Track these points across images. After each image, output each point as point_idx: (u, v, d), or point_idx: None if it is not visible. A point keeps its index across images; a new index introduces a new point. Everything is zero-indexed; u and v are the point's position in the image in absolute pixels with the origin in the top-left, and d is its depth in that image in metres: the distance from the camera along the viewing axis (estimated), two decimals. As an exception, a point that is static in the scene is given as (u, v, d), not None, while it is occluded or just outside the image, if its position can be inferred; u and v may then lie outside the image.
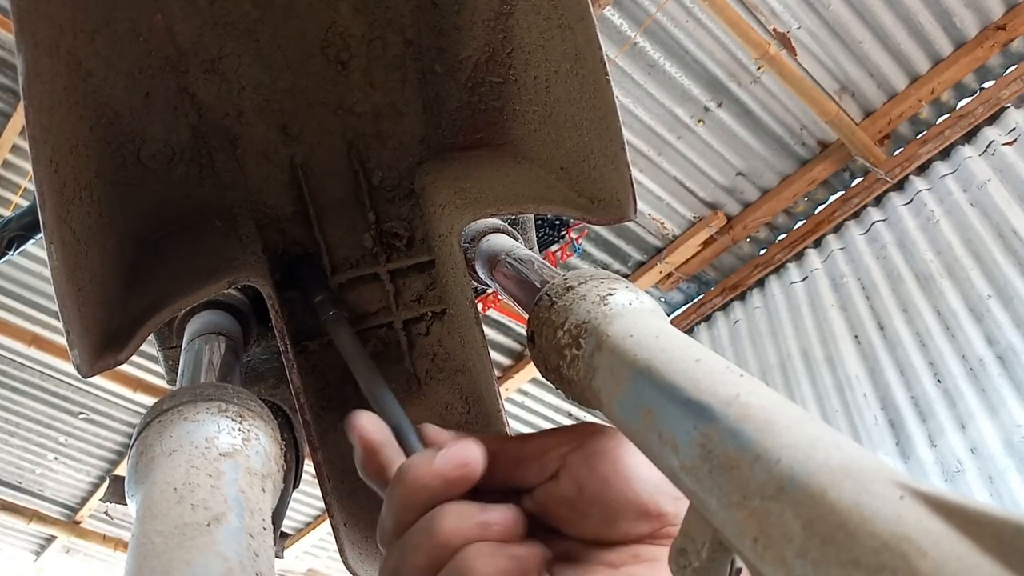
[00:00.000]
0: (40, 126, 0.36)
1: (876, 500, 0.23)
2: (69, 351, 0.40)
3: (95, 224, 0.41)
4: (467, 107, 0.48)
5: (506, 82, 0.49)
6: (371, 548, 0.51)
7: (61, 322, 0.39)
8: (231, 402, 0.35)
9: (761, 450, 0.27)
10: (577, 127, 0.45)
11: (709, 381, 0.30)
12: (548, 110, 0.47)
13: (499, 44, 0.47)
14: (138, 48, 0.41)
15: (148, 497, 0.30)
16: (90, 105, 0.40)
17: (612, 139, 0.43)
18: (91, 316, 0.41)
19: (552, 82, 0.45)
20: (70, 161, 0.39)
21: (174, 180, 0.48)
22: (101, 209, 0.42)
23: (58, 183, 0.38)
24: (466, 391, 0.57)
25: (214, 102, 0.46)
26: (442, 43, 0.46)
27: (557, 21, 0.42)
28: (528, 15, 0.44)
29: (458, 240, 0.53)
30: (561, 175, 0.49)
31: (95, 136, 0.41)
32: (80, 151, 0.40)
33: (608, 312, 0.38)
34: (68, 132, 0.38)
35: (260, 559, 0.28)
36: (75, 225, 0.39)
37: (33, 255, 3.70)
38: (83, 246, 0.40)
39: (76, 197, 0.40)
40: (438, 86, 0.51)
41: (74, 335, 0.39)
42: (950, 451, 2.65)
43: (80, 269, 0.40)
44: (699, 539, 0.31)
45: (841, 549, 0.23)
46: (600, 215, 0.47)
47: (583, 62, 0.42)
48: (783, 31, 3.11)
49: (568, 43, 0.42)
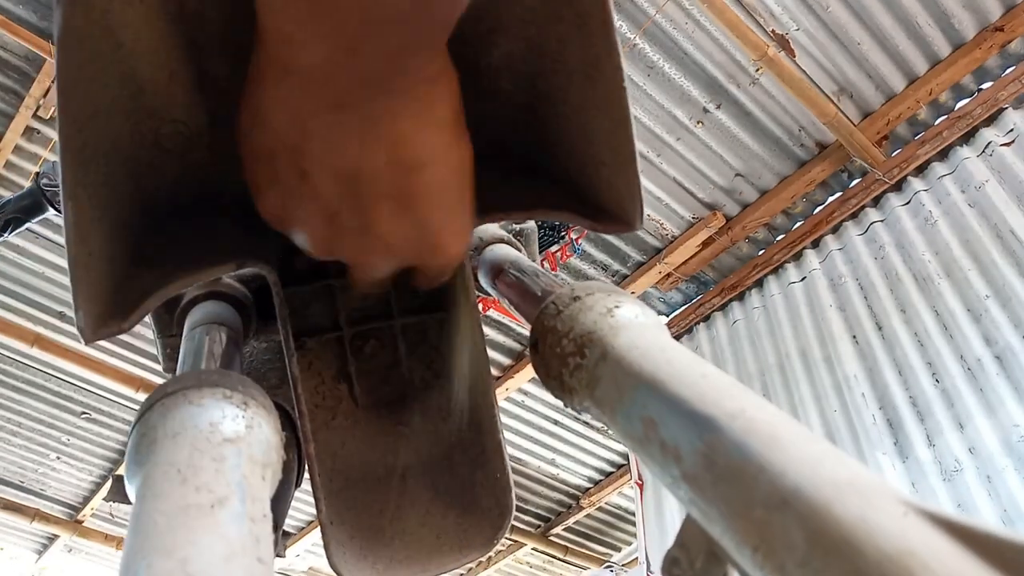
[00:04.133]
0: (69, 79, 0.37)
1: (881, 515, 0.23)
2: (74, 314, 0.40)
3: (109, 194, 0.42)
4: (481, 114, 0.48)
5: (521, 89, 0.49)
6: (355, 548, 0.51)
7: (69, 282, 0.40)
8: (235, 389, 0.35)
9: (766, 462, 0.27)
10: (589, 136, 0.45)
11: (715, 395, 0.31)
12: (561, 118, 0.47)
13: (519, 52, 0.47)
14: (167, 27, 0.41)
15: (150, 477, 0.30)
16: (115, 73, 0.40)
17: (623, 148, 0.43)
18: (98, 283, 0.41)
19: (568, 90, 0.45)
20: (91, 126, 0.39)
21: (190, 163, 0.48)
22: (116, 182, 0.42)
23: (79, 143, 0.38)
24: (462, 398, 0.57)
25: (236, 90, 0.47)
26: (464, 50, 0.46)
27: (578, 28, 0.42)
28: (550, 23, 0.44)
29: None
30: (569, 183, 0.49)
31: (117, 107, 0.41)
32: (101, 119, 0.40)
33: (614, 324, 0.38)
34: (93, 96, 0.39)
35: (261, 544, 0.28)
36: (91, 190, 0.40)
37: (35, 255, 3.70)
38: (97, 211, 0.41)
39: (93, 163, 0.40)
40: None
41: (80, 298, 0.40)
42: (948, 451, 2.65)
43: (92, 233, 0.40)
44: (694, 549, 0.31)
45: (844, 561, 0.23)
46: (606, 224, 0.47)
47: (601, 71, 0.42)
48: (782, 33, 3.11)
49: (587, 51, 0.42)
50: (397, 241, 0.41)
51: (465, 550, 0.52)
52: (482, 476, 0.53)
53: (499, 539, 0.52)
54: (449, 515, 0.53)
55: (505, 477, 0.52)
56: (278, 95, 0.37)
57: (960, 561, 0.21)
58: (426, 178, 0.40)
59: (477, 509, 0.53)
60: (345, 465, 0.55)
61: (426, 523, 0.53)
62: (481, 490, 0.53)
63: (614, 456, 4.96)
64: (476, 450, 0.54)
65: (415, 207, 0.40)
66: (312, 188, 0.39)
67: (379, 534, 0.52)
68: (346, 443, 0.56)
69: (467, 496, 0.54)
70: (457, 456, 0.56)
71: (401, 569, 0.51)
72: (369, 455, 0.56)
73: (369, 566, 0.50)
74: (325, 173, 0.39)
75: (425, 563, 0.52)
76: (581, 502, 5.20)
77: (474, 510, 0.53)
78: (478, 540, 0.52)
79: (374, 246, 0.41)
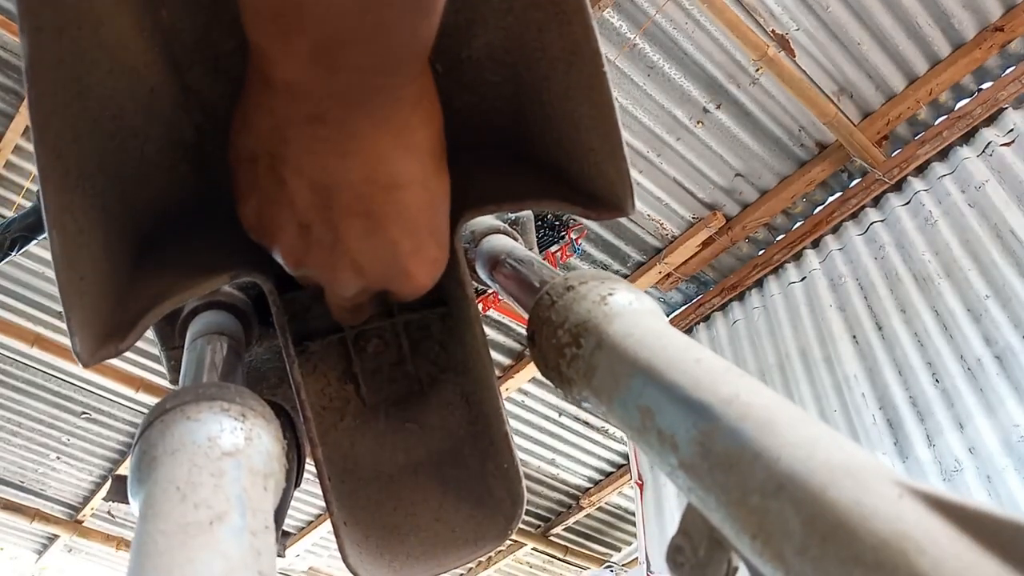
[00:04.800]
0: (42, 111, 0.36)
1: (876, 498, 0.23)
2: (70, 339, 0.40)
3: (98, 215, 0.41)
4: (467, 107, 0.48)
5: (505, 80, 0.48)
6: (371, 547, 0.51)
7: (62, 309, 0.39)
8: (233, 401, 0.35)
9: (761, 448, 0.27)
10: (575, 123, 0.45)
11: (709, 380, 0.31)
12: (546, 107, 0.47)
13: (499, 42, 0.47)
14: (143, 44, 0.41)
15: (151, 496, 0.30)
16: (94, 97, 0.39)
17: (610, 134, 0.43)
18: (92, 306, 0.41)
19: (550, 78, 0.45)
20: (74, 151, 0.39)
21: (178, 177, 0.48)
22: (104, 202, 0.42)
23: (61, 170, 0.38)
24: (467, 391, 0.57)
25: (218, 100, 0.46)
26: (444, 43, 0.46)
27: (555, 15, 0.42)
28: (528, 10, 0.44)
29: (459, 240, 0.53)
30: (559, 172, 0.48)
31: (99, 129, 0.41)
32: (83, 142, 0.39)
33: (608, 312, 0.38)
34: (71, 121, 0.38)
35: (262, 557, 0.28)
36: (77, 214, 0.39)
37: (35, 255, 3.70)
38: (85, 236, 0.40)
39: (78, 187, 0.39)
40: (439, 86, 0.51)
41: (75, 324, 0.39)
42: (948, 451, 2.65)
43: (81, 258, 0.40)
44: (696, 537, 0.31)
45: (841, 546, 0.23)
46: (599, 211, 0.47)
47: (580, 56, 0.42)
48: (782, 33, 3.11)
49: (566, 37, 0.42)
50: (365, 261, 0.42)
51: (480, 542, 0.52)
52: (492, 467, 0.53)
53: (513, 529, 0.52)
54: (462, 508, 0.53)
55: (514, 467, 0.52)
56: (261, 102, 0.38)
57: (955, 543, 0.21)
58: (399, 200, 0.40)
59: (490, 500, 0.53)
60: (356, 465, 0.55)
61: (440, 517, 0.53)
62: (493, 481, 0.53)
63: (614, 456, 4.96)
64: (485, 441, 0.55)
65: (385, 228, 0.40)
66: (288, 196, 0.40)
67: (394, 532, 0.52)
68: (356, 443, 0.56)
69: (479, 488, 0.54)
70: (467, 449, 0.56)
71: (418, 565, 0.51)
72: (379, 454, 0.56)
73: (386, 564, 0.50)
74: (301, 182, 0.39)
75: (442, 558, 0.51)
76: (581, 502, 5.20)
77: (487, 501, 0.53)
78: (492, 531, 0.52)
79: (342, 263, 0.42)
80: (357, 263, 0.42)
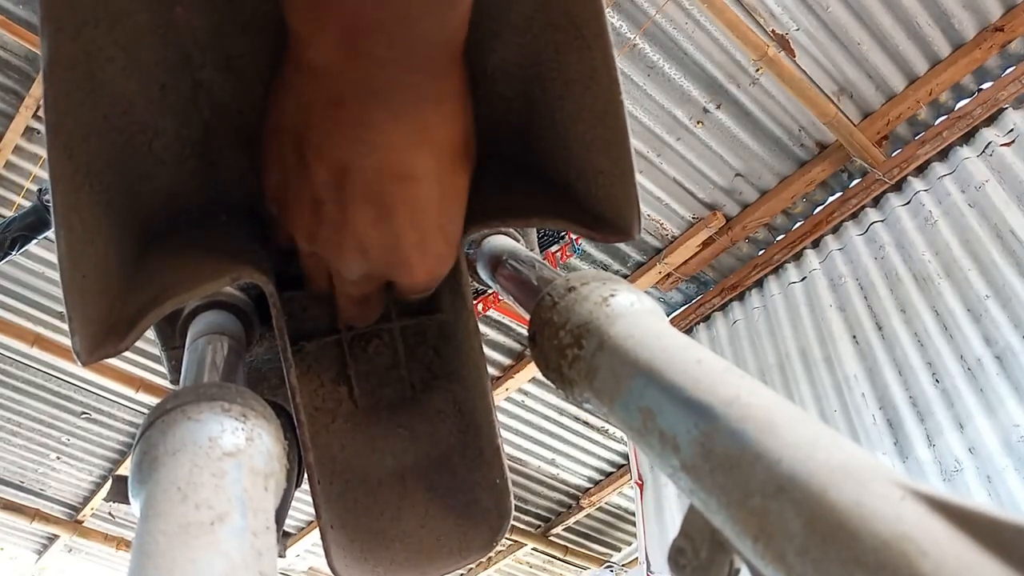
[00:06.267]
0: (57, 111, 0.36)
1: (877, 499, 0.23)
2: (70, 338, 0.40)
3: (103, 213, 0.41)
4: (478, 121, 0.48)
5: (517, 96, 0.48)
6: (356, 552, 0.50)
7: (64, 308, 0.39)
8: (234, 401, 0.35)
9: (762, 449, 0.27)
10: (586, 144, 0.45)
11: (710, 381, 0.31)
12: (558, 126, 0.47)
13: (514, 59, 0.46)
14: (157, 41, 0.41)
15: (151, 496, 0.30)
16: (106, 93, 0.40)
17: (622, 158, 0.43)
18: (93, 304, 0.41)
19: (565, 98, 0.45)
20: (84, 148, 0.39)
21: (184, 174, 0.48)
22: (110, 199, 0.42)
23: (70, 169, 0.38)
24: (460, 399, 0.57)
25: (228, 99, 0.46)
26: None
27: (575, 39, 0.42)
28: (546, 31, 0.44)
29: (462, 251, 0.53)
30: (567, 191, 0.48)
31: (109, 125, 0.41)
32: (93, 139, 0.40)
33: (610, 313, 0.38)
34: (84, 119, 0.39)
35: (263, 557, 0.28)
36: (84, 213, 0.39)
37: (35, 255, 3.70)
38: (90, 234, 0.40)
39: (87, 185, 0.40)
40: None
41: (76, 322, 0.39)
42: (948, 451, 2.65)
43: (86, 257, 0.40)
44: (698, 539, 0.31)
45: (842, 548, 0.23)
46: (604, 233, 0.47)
47: (598, 81, 0.42)
48: (782, 33, 3.12)
49: (584, 62, 0.42)
50: (370, 246, 0.43)
51: (465, 552, 0.52)
52: (481, 478, 0.53)
53: (498, 541, 0.52)
54: (449, 517, 0.53)
55: (504, 480, 0.52)
56: (292, 82, 0.40)
57: (957, 545, 0.21)
58: (410, 192, 0.41)
59: (476, 511, 0.53)
60: (345, 468, 0.55)
61: (426, 525, 0.53)
62: (480, 492, 0.53)
63: (614, 456, 4.96)
64: (474, 452, 0.54)
65: (392, 217, 0.41)
66: (307, 173, 0.41)
67: (379, 537, 0.52)
68: (346, 446, 0.56)
69: (466, 498, 0.54)
70: (456, 457, 0.56)
71: (401, 572, 0.51)
72: (369, 458, 0.56)
73: (370, 569, 0.50)
74: (319, 162, 0.40)
75: (426, 566, 0.51)
76: (581, 502, 5.20)
77: (473, 512, 0.53)
78: (477, 542, 0.52)
79: (348, 244, 0.43)
80: (362, 246, 0.43)
